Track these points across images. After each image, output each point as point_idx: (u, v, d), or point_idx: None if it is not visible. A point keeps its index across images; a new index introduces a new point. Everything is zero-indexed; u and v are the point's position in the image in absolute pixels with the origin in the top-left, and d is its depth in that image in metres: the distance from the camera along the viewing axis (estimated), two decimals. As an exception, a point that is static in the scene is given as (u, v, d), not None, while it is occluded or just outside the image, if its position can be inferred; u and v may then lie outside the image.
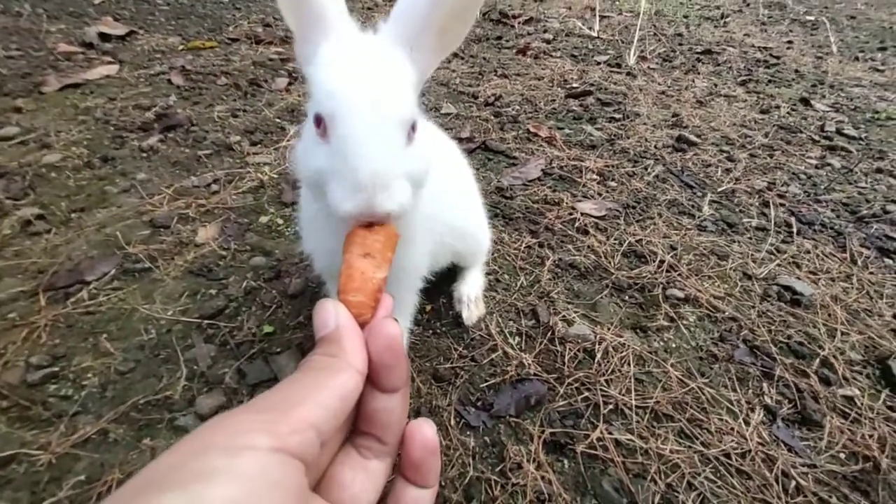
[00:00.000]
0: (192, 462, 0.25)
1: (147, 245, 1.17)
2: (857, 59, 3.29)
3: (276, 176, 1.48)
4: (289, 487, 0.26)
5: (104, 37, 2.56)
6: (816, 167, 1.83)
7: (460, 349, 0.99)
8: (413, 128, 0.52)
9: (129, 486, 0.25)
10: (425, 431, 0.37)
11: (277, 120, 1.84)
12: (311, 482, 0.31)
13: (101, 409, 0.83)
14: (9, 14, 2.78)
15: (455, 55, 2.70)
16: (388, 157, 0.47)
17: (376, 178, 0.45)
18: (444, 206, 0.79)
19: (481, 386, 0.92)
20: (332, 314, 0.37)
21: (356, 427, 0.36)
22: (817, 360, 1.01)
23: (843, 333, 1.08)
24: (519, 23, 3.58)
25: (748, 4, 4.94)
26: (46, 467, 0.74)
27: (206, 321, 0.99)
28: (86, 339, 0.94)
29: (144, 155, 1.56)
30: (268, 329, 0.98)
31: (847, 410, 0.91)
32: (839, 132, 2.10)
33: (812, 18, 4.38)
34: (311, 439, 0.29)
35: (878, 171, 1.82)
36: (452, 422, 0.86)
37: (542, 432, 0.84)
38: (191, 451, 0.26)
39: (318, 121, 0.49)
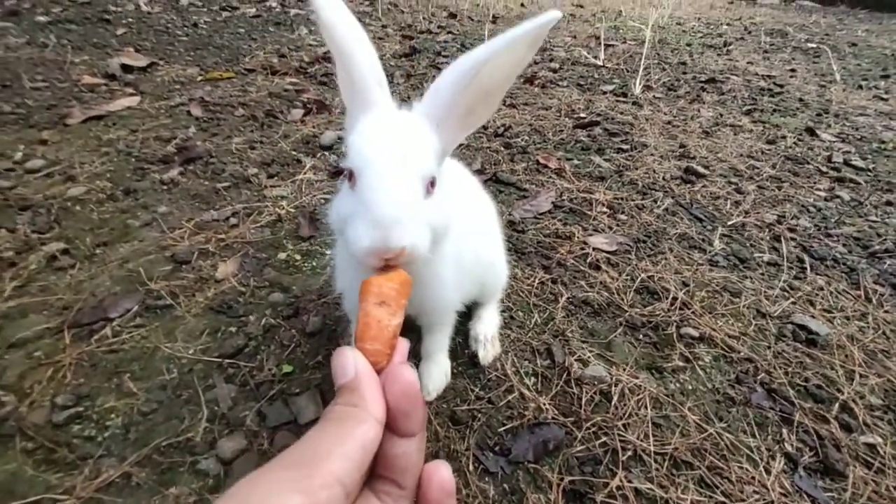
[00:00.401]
0: None
1: (168, 281, 1.19)
2: (860, 87, 3.34)
3: (293, 210, 1.52)
4: None
5: (126, 68, 2.66)
6: (826, 199, 1.84)
7: (477, 390, 1.00)
8: (432, 183, 0.58)
9: None
10: (442, 474, 0.38)
11: (293, 152, 1.88)
12: None
13: (124, 451, 0.84)
14: (35, 45, 2.90)
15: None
16: (404, 200, 0.53)
17: (391, 216, 0.51)
18: (471, 237, 0.84)
19: (499, 430, 0.92)
20: (350, 362, 0.38)
21: (374, 471, 0.37)
22: (837, 404, 1.01)
23: (861, 376, 1.07)
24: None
25: (750, 32, 5.04)
26: (71, 513, 0.75)
27: (226, 360, 1.01)
28: (109, 378, 0.96)
29: (165, 187, 1.61)
30: (287, 369, 1.00)
31: (870, 460, 0.90)
32: (847, 163, 2.12)
33: (814, 46, 4.46)
34: (338, 494, 0.30)
35: (888, 203, 1.83)
36: (471, 467, 0.86)
37: (562, 480, 0.84)
38: None
39: (350, 174, 0.57)
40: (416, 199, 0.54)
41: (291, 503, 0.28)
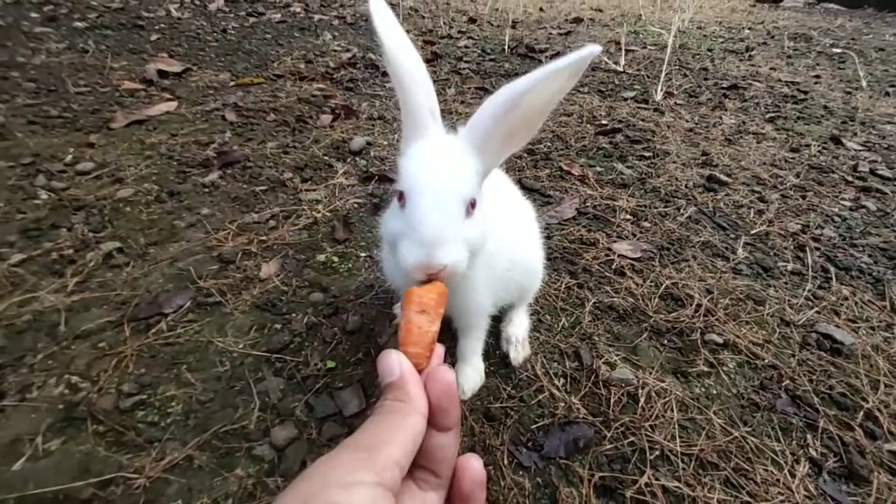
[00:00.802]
0: (319, 497, 0.32)
1: (216, 280, 1.27)
2: (887, 93, 3.29)
3: (328, 213, 1.59)
4: None
5: (162, 73, 2.78)
6: (851, 209, 1.84)
7: (509, 389, 1.05)
8: (473, 204, 0.64)
9: None
10: (474, 466, 0.43)
11: (325, 157, 1.96)
12: None
13: (185, 436, 0.91)
14: (75, 50, 3.04)
15: (486, 91, 2.82)
16: (446, 222, 0.60)
17: (435, 237, 0.58)
18: (507, 243, 0.89)
19: (531, 427, 0.97)
20: (396, 363, 0.43)
21: (414, 461, 0.41)
22: (861, 412, 1.03)
23: (886, 386, 1.09)
24: (546, 57, 3.71)
25: (772, 36, 4.99)
26: (142, 490, 0.82)
27: (273, 355, 1.07)
28: (168, 369, 1.03)
29: (206, 190, 1.69)
30: (330, 364, 1.06)
31: (894, 467, 0.92)
32: (873, 173, 2.11)
33: (839, 51, 4.40)
34: (396, 474, 0.35)
35: (915, 214, 1.83)
36: (506, 461, 0.91)
37: (592, 476, 0.88)
38: (314, 487, 0.33)
39: (400, 195, 0.64)
40: (457, 222, 0.61)
41: (364, 479, 0.33)
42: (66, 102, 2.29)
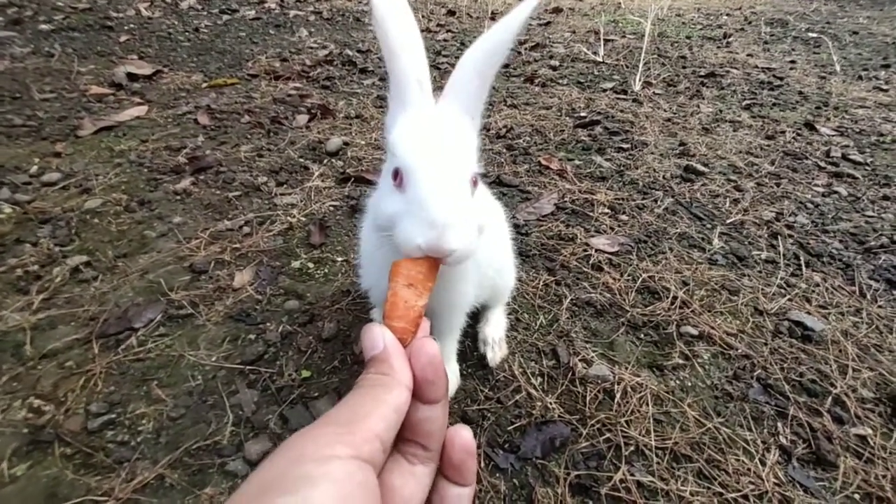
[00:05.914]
0: (293, 470, 0.30)
1: (188, 291, 1.25)
2: (860, 77, 3.34)
3: (303, 218, 1.57)
4: (370, 489, 0.32)
5: (132, 76, 2.70)
6: (823, 195, 1.87)
7: (486, 391, 1.05)
8: (475, 182, 0.60)
9: (243, 492, 0.30)
10: (464, 435, 0.42)
11: (301, 159, 1.93)
12: None
13: (156, 454, 0.90)
14: (40, 54, 2.94)
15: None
16: (458, 202, 0.55)
17: (448, 218, 0.52)
18: (487, 242, 0.87)
19: (508, 428, 0.97)
20: (379, 337, 0.42)
21: (402, 435, 0.40)
22: (830, 398, 1.05)
23: (854, 370, 1.12)
24: (525, 49, 3.69)
25: (750, 22, 5.02)
26: (112, 513, 0.80)
27: (247, 367, 1.06)
28: (138, 386, 1.01)
29: (178, 198, 1.65)
30: (305, 374, 1.05)
31: (860, 450, 0.95)
32: (845, 157, 2.15)
33: (814, 35, 4.44)
34: (377, 448, 0.34)
35: (885, 198, 1.86)
36: (482, 464, 0.91)
37: (568, 475, 0.89)
38: (289, 461, 0.31)
39: (396, 174, 0.57)
40: (466, 201, 0.56)
41: (340, 453, 0.32)
42: (31, 110, 2.22)
